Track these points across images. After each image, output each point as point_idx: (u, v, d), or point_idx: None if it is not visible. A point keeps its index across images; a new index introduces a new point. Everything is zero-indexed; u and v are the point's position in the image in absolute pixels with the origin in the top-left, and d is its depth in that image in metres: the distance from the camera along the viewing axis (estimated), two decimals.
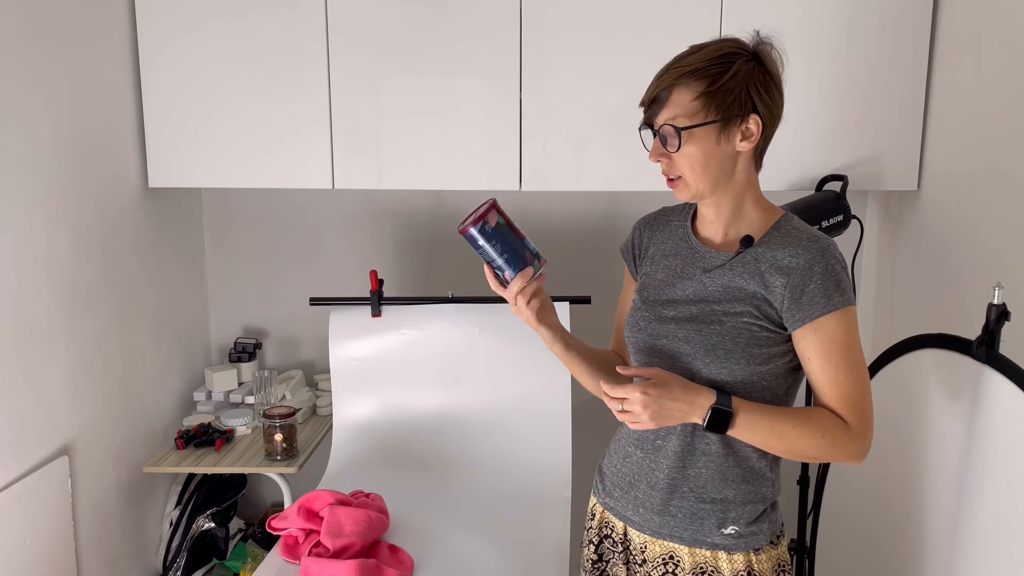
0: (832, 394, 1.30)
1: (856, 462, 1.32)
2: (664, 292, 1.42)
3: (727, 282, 1.35)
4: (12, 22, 1.78)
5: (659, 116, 1.30)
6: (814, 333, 1.29)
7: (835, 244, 1.33)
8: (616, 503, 1.47)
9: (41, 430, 1.89)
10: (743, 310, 1.32)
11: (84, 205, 2.05)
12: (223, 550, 2.51)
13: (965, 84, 1.98)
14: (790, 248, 1.31)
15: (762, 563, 1.38)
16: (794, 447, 1.30)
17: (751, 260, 1.34)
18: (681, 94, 1.28)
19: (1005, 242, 1.79)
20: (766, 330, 1.32)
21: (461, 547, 1.85)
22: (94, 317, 2.09)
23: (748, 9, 2.10)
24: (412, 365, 2.27)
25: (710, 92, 1.27)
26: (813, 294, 1.28)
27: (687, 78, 1.28)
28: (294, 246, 2.72)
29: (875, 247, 2.48)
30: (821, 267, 1.28)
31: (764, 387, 1.34)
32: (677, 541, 1.39)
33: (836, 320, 1.28)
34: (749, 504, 1.37)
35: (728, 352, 1.32)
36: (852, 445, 1.29)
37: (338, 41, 2.19)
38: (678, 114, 1.28)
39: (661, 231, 1.49)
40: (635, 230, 1.54)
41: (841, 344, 1.28)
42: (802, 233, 1.34)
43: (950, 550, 1.52)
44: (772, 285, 1.31)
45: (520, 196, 2.59)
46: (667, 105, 1.29)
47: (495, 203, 1.37)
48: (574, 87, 2.18)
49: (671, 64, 1.31)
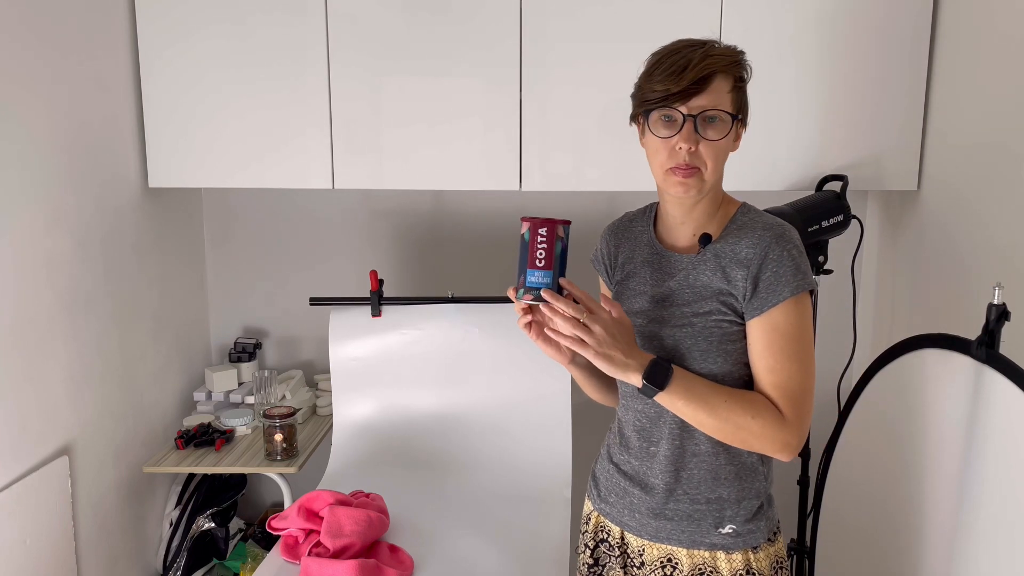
0: (768, 382, 1.29)
1: (783, 456, 1.30)
2: (636, 301, 1.41)
3: (693, 282, 1.35)
4: (12, 23, 1.78)
5: (697, 99, 1.25)
6: (759, 321, 1.28)
7: (791, 229, 1.32)
8: (612, 508, 1.47)
9: (41, 430, 1.89)
10: (711, 308, 1.32)
11: (84, 205, 2.05)
12: (223, 550, 2.51)
13: (965, 84, 1.98)
14: (747, 239, 1.31)
15: (760, 561, 1.38)
16: (724, 425, 1.27)
17: (711, 257, 1.34)
18: (721, 83, 1.26)
19: (1005, 242, 1.78)
20: (736, 324, 1.32)
21: (461, 547, 1.85)
22: (94, 317, 2.09)
23: (748, 11, 2.10)
24: (412, 365, 2.27)
25: (739, 88, 1.28)
26: (769, 282, 1.28)
27: (728, 68, 1.26)
28: (294, 246, 2.72)
29: (875, 247, 2.48)
30: (776, 254, 1.28)
31: (746, 384, 1.34)
32: (675, 544, 1.39)
33: (785, 309, 1.27)
34: (744, 501, 1.38)
35: (704, 353, 1.32)
36: (781, 434, 1.27)
37: (338, 40, 2.19)
38: (720, 103, 1.25)
39: (627, 239, 1.48)
40: (603, 239, 1.53)
41: (783, 334, 1.27)
42: (757, 223, 1.33)
43: (950, 550, 1.52)
44: (733, 278, 1.31)
45: (520, 196, 2.59)
46: (708, 91, 1.25)
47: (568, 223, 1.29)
48: (574, 87, 2.18)
49: (705, 50, 1.26)
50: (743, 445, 1.32)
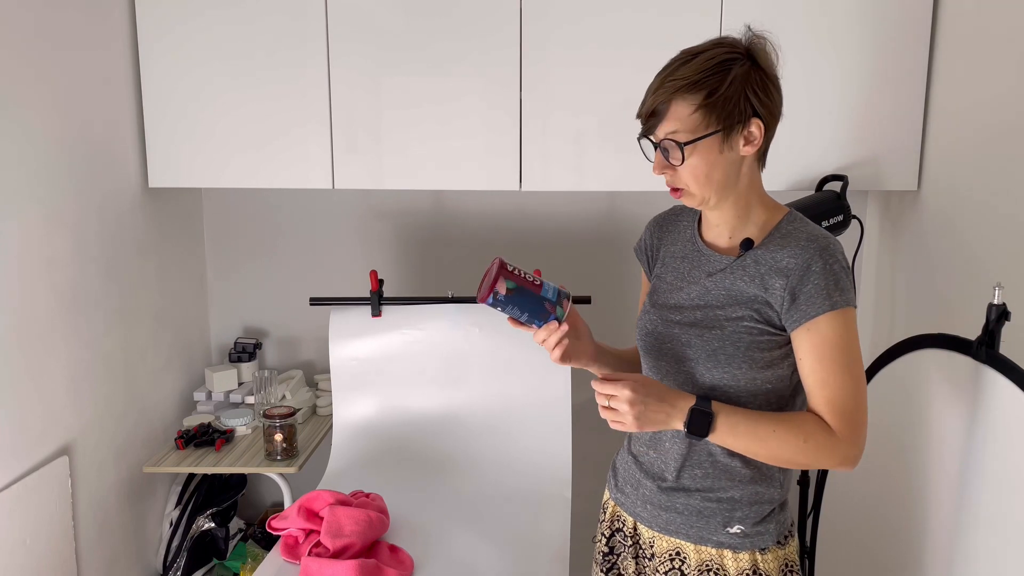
0: (820, 396, 1.27)
1: (845, 468, 1.29)
2: (671, 296, 1.42)
3: (729, 286, 1.34)
4: (12, 22, 1.78)
5: (659, 129, 1.28)
6: (807, 333, 1.27)
7: (837, 243, 1.31)
8: (627, 499, 1.49)
9: (41, 430, 1.89)
10: (744, 314, 1.32)
11: (84, 205, 2.05)
12: (223, 550, 2.51)
13: (965, 84, 1.98)
14: (789, 249, 1.30)
15: (768, 563, 1.38)
16: (777, 452, 1.28)
17: (751, 263, 1.33)
18: (679, 107, 1.26)
19: (1005, 242, 1.78)
20: (767, 333, 1.31)
21: (461, 547, 1.85)
22: (94, 317, 2.09)
23: (748, 12, 2.10)
24: (412, 365, 2.27)
25: (709, 103, 1.25)
26: (810, 294, 1.26)
27: (684, 91, 1.25)
28: (294, 246, 2.72)
29: (875, 247, 2.48)
30: (819, 267, 1.26)
31: (769, 391, 1.33)
32: (683, 538, 1.40)
33: (830, 321, 1.26)
34: (755, 505, 1.37)
35: (729, 357, 1.31)
36: (838, 451, 1.26)
37: (338, 41, 2.19)
38: (678, 128, 1.26)
39: (671, 232, 1.49)
40: (647, 230, 1.54)
41: (833, 346, 1.26)
42: (802, 233, 1.32)
43: (950, 550, 1.52)
44: (772, 287, 1.29)
45: (520, 196, 2.59)
46: (666, 119, 1.27)
47: (503, 266, 1.34)
48: (575, 87, 2.18)
49: (665, 75, 1.28)
50: (804, 467, 1.34)
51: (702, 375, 1.34)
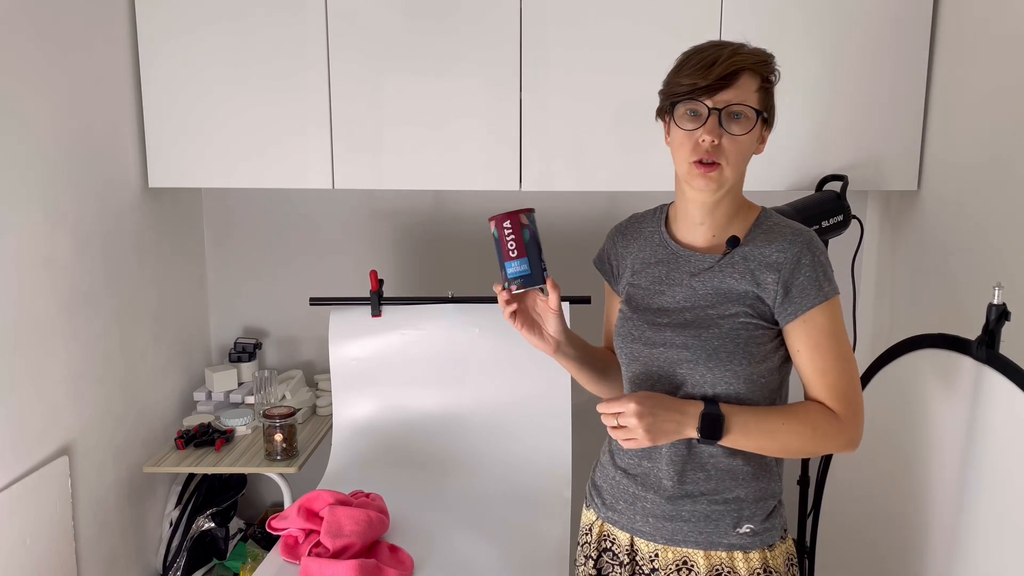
0: (821, 385, 1.32)
1: (849, 451, 1.34)
2: (653, 300, 1.40)
3: (718, 284, 1.35)
4: (12, 22, 1.78)
5: (724, 94, 1.26)
6: (804, 325, 1.31)
7: (816, 235, 1.36)
8: (620, 516, 1.44)
9: (41, 430, 1.89)
10: (738, 311, 1.32)
11: (84, 205, 2.05)
12: (223, 550, 2.51)
13: (965, 84, 1.98)
14: (777, 244, 1.33)
15: (776, 558, 1.38)
16: (787, 445, 1.32)
17: (739, 260, 1.34)
18: (748, 81, 1.27)
19: (1005, 242, 1.79)
20: (761, 328, 1.33)
21: (461, 547, 1.85)
22: (94, 317, 2.09)
23: (748, 12, 2.10)
24: (412, 365, 2.27)
25: (765, 88, 1.30)
26: (802, 287, 1.30)
27: (755, 67, 1.28)
28: (294, 246, 2.72)
29: (875, 247, 2.48)
30: (808, 260, 1.31)
31: (763, 384, 1.35)
32: (692, 546, 1.37)
33: (824, 311, 1.30)
34: (762, 501, 1.37)
35: (730, 354, 1.32)
36: (843, 435, 1.32)
37: (338, 40, 2.19)
38: (745, 99, 1.27)
39: (635, 239, 1.47)
40: (608, 240, 1.53)
41: (828, 334, 1.31)
42: (785, 228, 1.35)
43: (950, 550, 1.52)
44: (764, 282, 1.32)
45: (520, 196, 2.59)
46: (735, 87, 1.26)
47: (531, 211, 1.35)
48: (575, 87, 2.18)
49: (734, 48, 1.28)
50: (811, 455, 1.38)
51: (701, 376, 1.33)
